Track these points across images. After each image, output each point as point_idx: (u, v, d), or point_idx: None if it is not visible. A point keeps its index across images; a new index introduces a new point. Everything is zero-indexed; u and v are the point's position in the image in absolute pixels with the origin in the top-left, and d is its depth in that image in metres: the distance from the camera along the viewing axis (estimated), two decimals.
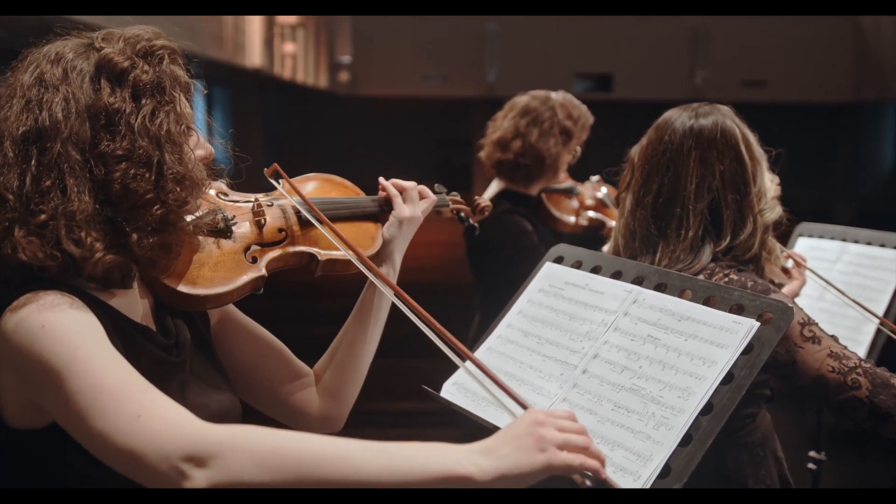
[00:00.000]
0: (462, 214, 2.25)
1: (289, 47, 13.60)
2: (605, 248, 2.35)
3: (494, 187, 3.76)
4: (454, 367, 1.95)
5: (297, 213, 1.84)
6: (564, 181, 3.83)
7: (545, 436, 1.32)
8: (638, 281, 1.82)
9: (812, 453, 3.28)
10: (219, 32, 9.71)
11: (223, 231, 1.67)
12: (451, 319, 1.74)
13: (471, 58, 18.08)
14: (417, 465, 1.27)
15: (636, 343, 1.71)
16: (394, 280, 1.91)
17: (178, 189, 1.47)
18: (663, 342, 1.67)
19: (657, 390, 1.61)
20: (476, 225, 2.28)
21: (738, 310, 1.63)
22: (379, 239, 1.94)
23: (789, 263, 2.51)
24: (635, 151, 2.28)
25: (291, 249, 1.79)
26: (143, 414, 1.25)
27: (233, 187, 1.84)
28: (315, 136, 20.09)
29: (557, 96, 3.68)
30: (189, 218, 1.57)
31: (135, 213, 1.44)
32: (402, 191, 1.96)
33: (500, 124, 3.67)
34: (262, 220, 1.77)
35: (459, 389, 1.90)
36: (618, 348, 1.73)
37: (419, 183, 2.03)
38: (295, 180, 1.93)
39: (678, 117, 2.21)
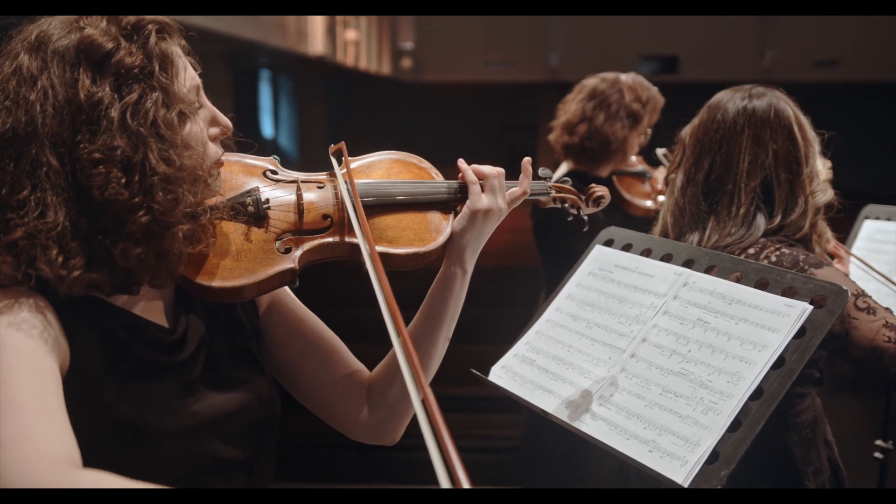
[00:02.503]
0: (567, 205, 1.85)
1: (351, 34, 13.66)
2: (654, 229, 2.31)
3: (563, 169, 3.73)
4: (503, 352, 1.95)
5: (349, 195, 1.59)
6: (637, 164, 3.78)
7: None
8: (688, 263, 1.79)
9: (879, 442, 3.19)
10: (281, 21, 9.80)
11: (254, 215, 1.50)
12: (519, 305, 1.66)
13: (534, 42, 17.96)
14: None
15: (685, 327, 1.68)
16: (462, 284, 1.66)
17: (166, 191, 1.31)
18: (713, 326, 1.64)
19: (706, 375, 1.58)
20: (585, 218, 1.85)
21: (791, 293, 1.59)
22: (445, 232, 1.64)
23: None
24: (686, 131, 2.28)
25: (333, 240, 1.55)
26: (7, 443, 1.13)
27: (293, 167, 1.69)
28: (379, 122, 20.18)
29: (627, 78, 3.62)
30: (213, 201, 1.44)
31: (116, 222, 1.29)
32: (482, 178, 1.67)
33: (568, 107, 3.65)
34: (302, 205, 1.56)
35: (507, 373, 1.89)
36: (667, 332, 1.70)
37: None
38: (359, 159, 1.73)
39: (731, 98, 2.19)
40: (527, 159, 1.73)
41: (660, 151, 3.71)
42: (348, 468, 4.77)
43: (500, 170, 1.70)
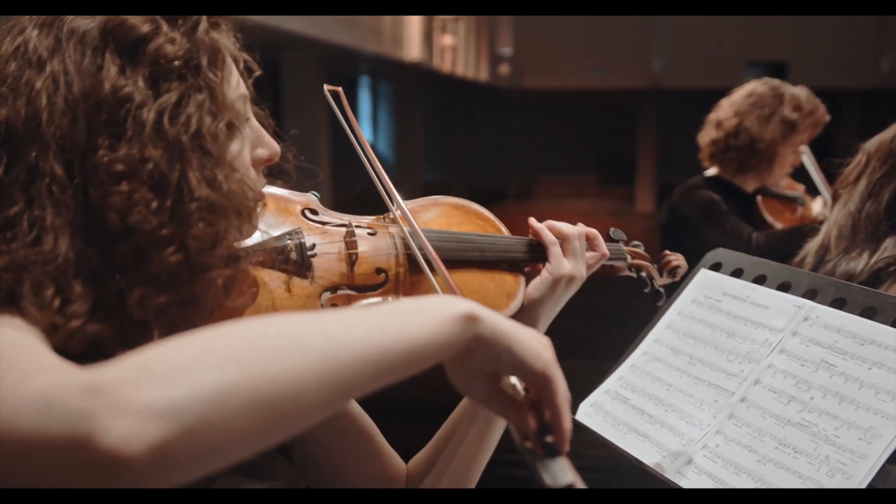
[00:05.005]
0: (643, 274, 1.63)
1: (448, 40, 13.57)
2: (812, 242, 2.10)
3: (707, 174, 3.51)
4: (600, 378, 1.74)
5: (408, 246, 1.35)
6: (790, 188, 3.52)
7: (546, 341, 0.93)
8: (811, 294, 1.55)
9: None
10: (377, 26, 9.75)
11: (296, 263, 1.24)
12: (629, 310, 1.44)
13: (636, 48, 17.58)
14: (416, 317, 0.84)
15: (807, 369, 1.44)
16: None
17: (207, 222, 1.01)
18: (841, 370, 1.40)
19: (832, 429, 1.34)
20: (661, 290, 1.63)
21: None
22: (517, 298, 1.40)
23: None
24: (873, 144, 2.14)
25: (391, 300, 1.29)
26: (31, 373, 0.75)
27: (336, 204, 1.46)
28: (475, 129, 20.08)
29: (793, 88, 3.40)
30: (248, 242, 1.16)
31: (137, 258, 0.99)
32: (562, 238, 1.44)
33: (722, 104, 3.45)
34: (354, 255, 1.30)
35: (597, 412, 1.68)
36: (784, 374, 1.47)
37: (580, 178, 1.61)
38: (413, 202, 1.48)
39: None
40: (593, 230, 1.51)
41: (805, 156, 3.42)
42: None
43: (583, 229, 1.47)
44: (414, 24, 11.48)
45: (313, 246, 1.27)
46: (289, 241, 1.24)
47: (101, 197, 0.98)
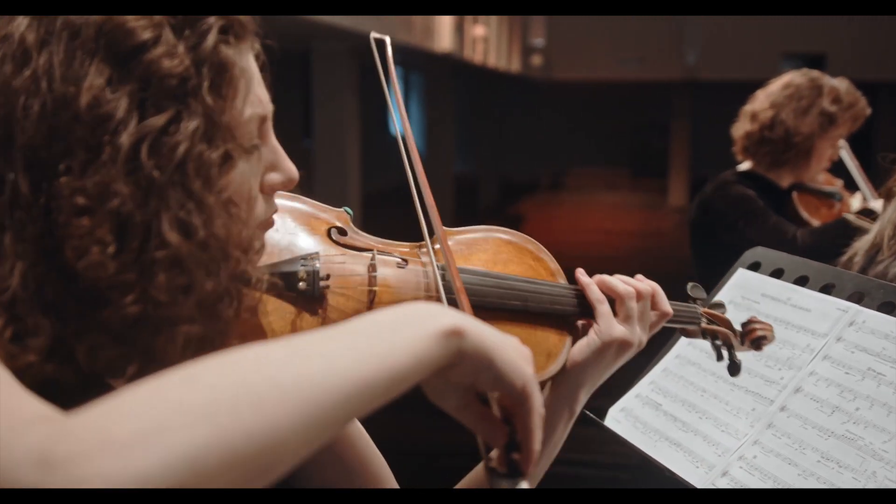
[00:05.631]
0: (718, 342, 1.35)
1: (479, 31, 13.45)
2: (861, 241, 1.97)
3: (742, 168, 3.40)
4: (631, 382, 1.66)
5: (438, 284, 1.16)
6: (828, 183, 3.39)
7: (529, 355, 0.88)
8: (856, 297, 1.46)
9: None
10: (408, 16, 9.68)
11: (306, 294, 1.09)
12: None
13: (669, 39, 17.36)
14: (398, 335, 0.77)
15: (852, 377, 1.36)
16: (566, 428, 1.26)
17: (173, 274, 0.86)
18: (889, 379, 1.32)
19: (880, 442, 1.26)
20: (739, 362, 1.34)
21: None
22: (558, 360, 1.21)
23: None
24: None
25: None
26: None
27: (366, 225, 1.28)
28: (507, 121, 19.97)
29: (832, 80, 3.28)
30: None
31: (93, 303, 0.86)
32: (615, 296, 1.24)
33: (758, 95, 3.33)
34: (374, 290, 1.13)
35: (627, 417, 1.61)
36: (827, 382, 1.38)
37: (612, 170, 1.31)
38: (458, 233, 1.27)
39: None
40: (653, 286, 1.28)
41: (843, 150, 3.29)
42: None
43: (642, 287, 1.25)
44: (445, 15, 11.39)
45: (327, 276, 1.11)
46: (301, 268, 1.09)
47: (60, 228, 0.85)
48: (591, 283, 1.24)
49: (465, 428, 0.91)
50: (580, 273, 1.26)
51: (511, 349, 0.84)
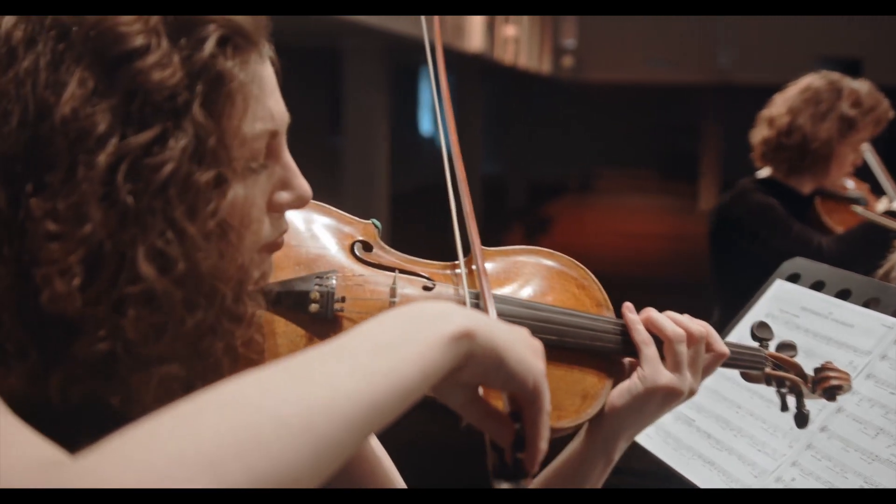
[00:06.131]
0: (785, 390, 1.23)
1: (510, 31, 13.38)
2: None
3: (761, 174, 3.32)
4: None
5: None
6: (851, 188, 3.30)
7: (539, 348, 0.83)
8: None
9: None
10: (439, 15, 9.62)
11: (319, 316, 1.00)
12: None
13: (702, 41, 17.20)
14: (404, 346, 0.71)
15: None
16: (601, 476, 1.16)
17: (146, 310, 0.78)
18: None
19: None
20: (808, 413, 1.23)
21: None
22: (596, 403, 1.10)
23: None
24: None
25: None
26: None
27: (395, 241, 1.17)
28: (536, 122, 19.88)
29: (853, 82, 3.18)
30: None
31: (64, 335, 0.79)
32: (663, 338, 1.12)
33: (775, 100, 3.25)
34: None
35: (659, 433, 1.55)
36: (871, 402, 1.32)
37: (641, 172, 1.17)
38: (496, 253, 1.17)
39: None
40: (705, 327, 1.15)
41: (868, 153, 3.20)
42: None
43: (695, 329, 1.12)
44: (477, 15, 11.34)
45: (343, 298, 1.02)
46: (315, 287, 1.00)
47: (33, 251, 0.76)
48: (636, 322, 1.12)
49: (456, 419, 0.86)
50: (627, 308, 1.14)
51: (522, 345, 0.79)
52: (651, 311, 1.13)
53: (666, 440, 1.52)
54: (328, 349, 0.70)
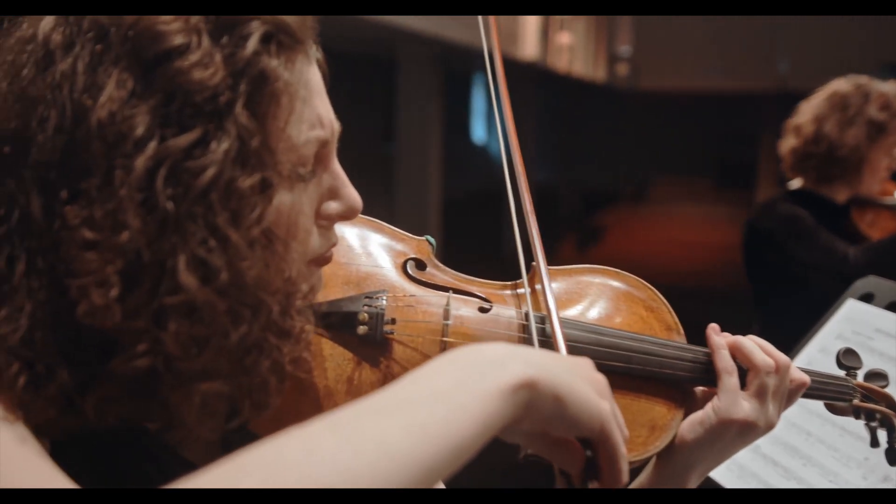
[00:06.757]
0: (875, 424, 1.15)
1: (564, 38, 13.30)
2: None
3: (793, 186, 3.22)
4: None
5: (528, 338, 1.00)
6: (890, 194, 3.18)
7: (604, 385, 0.76)
8: None
9: None
10: (492, 22, 9.58)
11: (368, 339, 0.95)
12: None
13: (761, 47, 16.95)
14: (460, 398, 0.66)
15: None
16: None
17: (187, 322, 0.74)
18: None
19: None
20: None
21: None
22: (666, 435, 1.03)
23: None
24: None
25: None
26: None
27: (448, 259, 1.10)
28: (590, 130, 19.74)
29: (881, 85, 3.07)
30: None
31: (102, 351, 0.76)
32: (749, 367, 1.05)
33: (802, 107, 3.16)
34: (446, 341, 0.97)
35: None
36: None
37: (696, 181, 1.11)
38: (559, 273, 1.10)
39: None
40: (788, 360, 1.07)
41: None
42: None
43: (784, 358, 1.05)
44: (531, 22, 11.28)
45: (393, 320, 0.96)
46: (364, 308, 0.95)
47: (69, 261, 0.73)
48: (722, 348, 1.05)
49: None
50: (713, 330, 1.07)
51: (584, 386, 0.73)
52: (739, 338, 1.07)
53: (729, 466, 1.45)
54: (379, 402, 0.65)
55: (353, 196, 0.90)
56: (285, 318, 0.81)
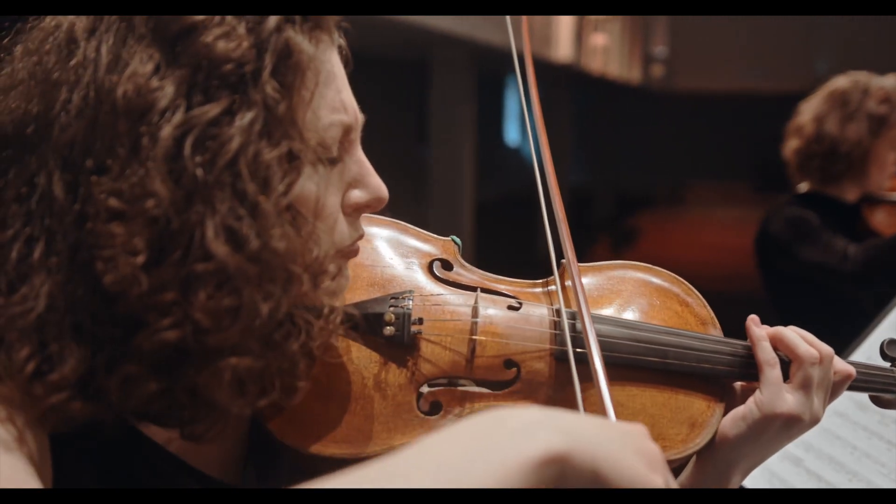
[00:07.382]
0: None
1: (599, 39, 13.21)
2: None
3: (801, 189, 3.17)
4: None
5: (560, 335, 0.97)
6: None
7: (656, 456, 0.70)
8: None
9: None
10: (526, 24, 9.54)
11: (395, 340, 0.93)
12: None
13: (797, 47, 16.75)
14: (478, 470, 0.60)
15: None
16: None
17: (218, 291, 0.73)
18: None
19: None
20: None
21: None
22: (706, 432, 1.00)
23: None
24: None
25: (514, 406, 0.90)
26: None
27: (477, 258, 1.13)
28: (626, 132, 19.63)
29: (880, 78, 3.02)
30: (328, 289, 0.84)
31: (127, 327, 0.74)
32: (793, 358, 1.02)
33: (801, 108, 3.12)
34: (475, 339, 0.95)
35: (763, 472, 1.43)
36: None
37: (733, 184, 1.09)
38: (589, 269, 1.08)
39: None
40: (832, 350, 1.04)
41: None
42: None
43: (828, 349, 1.02)
44: (565, 23, 11.22)
45: (420, 320, 0.94)
46: (390, 309, 0.93)
47: (90, 238, 0.72)
48: (762, 339, 1.02)
49: None
50: (752, 322, 1.04)
51: (630, 460, 0.66)
52: (780, 328, 1.03)
53: (771, 481, 1.40)
54: (395, 465, 0.60)
55: (379, 185, 0.90)
56: (315, 295, 0.81)
